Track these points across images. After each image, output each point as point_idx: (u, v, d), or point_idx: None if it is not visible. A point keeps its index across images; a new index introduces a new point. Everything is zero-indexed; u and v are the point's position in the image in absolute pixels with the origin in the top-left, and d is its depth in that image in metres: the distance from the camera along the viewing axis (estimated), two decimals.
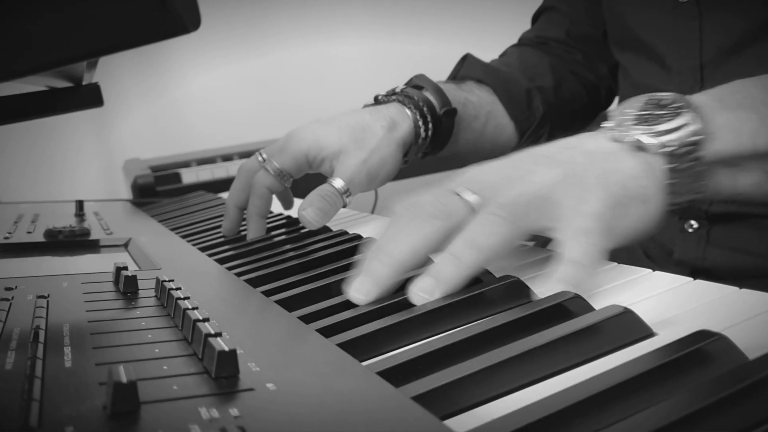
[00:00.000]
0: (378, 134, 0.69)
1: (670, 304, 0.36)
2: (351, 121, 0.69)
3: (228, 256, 0.59)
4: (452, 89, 0.78)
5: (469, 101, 0.80)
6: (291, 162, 0.68)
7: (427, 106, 0.73)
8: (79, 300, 0.42)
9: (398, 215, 0.45)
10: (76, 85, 0.53)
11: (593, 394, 0.26)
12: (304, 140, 0.68)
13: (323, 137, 0.68)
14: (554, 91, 0.87)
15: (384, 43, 1.69)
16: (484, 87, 0.83)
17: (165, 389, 0.27)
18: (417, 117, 0.72)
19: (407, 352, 0.32)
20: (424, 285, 0.40)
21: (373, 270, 0.42)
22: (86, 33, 0.33)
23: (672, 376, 0.27)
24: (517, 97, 0.84)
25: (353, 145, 0.68)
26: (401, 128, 0.71)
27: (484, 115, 0.81)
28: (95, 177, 1.57)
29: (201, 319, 0.33)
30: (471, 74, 0.84)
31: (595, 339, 0.31)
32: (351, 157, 0.67)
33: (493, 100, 0.83)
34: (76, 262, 0.61)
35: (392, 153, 0.69)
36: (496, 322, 0.34)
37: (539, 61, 0.88)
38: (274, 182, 0.68)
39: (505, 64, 0.88)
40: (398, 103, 0.73)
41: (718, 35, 0.69)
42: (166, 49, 1.57)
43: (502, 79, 0.84)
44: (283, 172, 0.68)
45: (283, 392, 0.27)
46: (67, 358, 0.31)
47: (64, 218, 0.82)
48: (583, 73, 0.90)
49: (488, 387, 0.28)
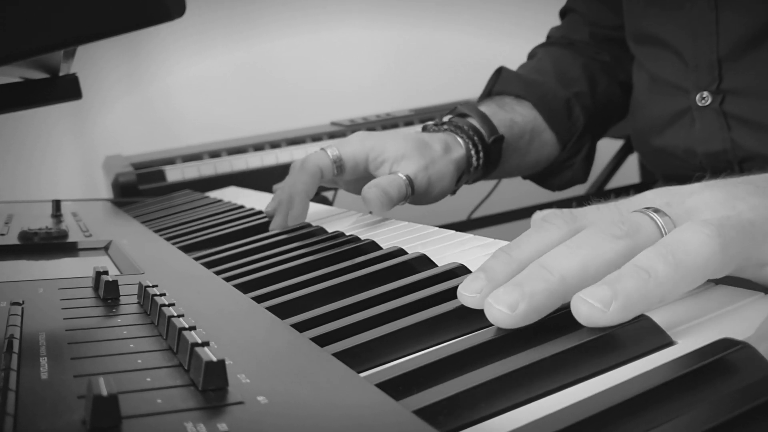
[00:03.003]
0: (438, 151, 0.74)
1: (690, 310, 0.36)
2: (413, 134, 0.74)
3: (216, 260, 0.59)
4: (496, 112, 0.82)
5: (514, 122, 0.83)
6: (351, 153, 0.71)
7: (477, 136, 0.77)
8: (56, 307, 0.42)
9: (546, 225, 0.39)
10: (52, 76, 0.53)
11: (607, 407, 0.26)
12: (368, 139, 0.72)
13: (388, 142, 0.72)
14: (590, 95, 0.90)
15: (382, 30, 1.69)
16: (524, 103, 0.86)
17: (148, 403, 0.27)
18: (469, 146, 0.76)
19: (408, 363, 0.32)
20: (601, 294, 0.32)
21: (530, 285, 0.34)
22: (63, 19, 0.32)
23: (692, 388, 0.27)
24: (557, 110, 0.87)
25: (416, 152, 0.72)
26: (457, 153, 0.76)
27: (528, 133, 0.85)
28: (73, 175, 1.57)
29: (187, 328, 0.33)
30: (508, 90, 0.87)
31: (610, 348, 0.31)
32: (414, 161, 0.71)
33: (534, 115, 0.86)
34: (52, 266, 0.61)
35: (451, 171, 0.74)
36: (504, 331, 0.34)
37: (572, 63, 0.91)
38: (328, 165, 0.70)
39: (538, 71, 0.90)
40: (449, 132, 0.77)
41: (735, 28, 0.70)
42: (149, 38, 1.56)
43: (540, 93, 0.87)
44: (341, 160, 0.70)
45: (275, 405, 0.27)
46: (44, 369, 0.31)
47: (40, 219, 0.82)
48: (615, 72, 0.92)
49: (495, 400, 0.28)
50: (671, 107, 0.79)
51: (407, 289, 0.43)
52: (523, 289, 0.34)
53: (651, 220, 0.37)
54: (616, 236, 0.36)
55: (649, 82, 0.82)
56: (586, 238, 0.36)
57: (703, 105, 0.75)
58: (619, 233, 0.36)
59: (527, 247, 0.38)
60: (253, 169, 1.21)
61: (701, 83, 0.75)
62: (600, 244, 0.36)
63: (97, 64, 1.51)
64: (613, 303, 0.32)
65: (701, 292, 0.38)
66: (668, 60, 0.78)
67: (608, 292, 0.32)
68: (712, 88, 0.74)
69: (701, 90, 0.75)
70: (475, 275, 0.38)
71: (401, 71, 1.68)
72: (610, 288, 0.33)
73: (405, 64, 1.69)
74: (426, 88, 1.62)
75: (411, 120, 1.32)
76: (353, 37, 1.68)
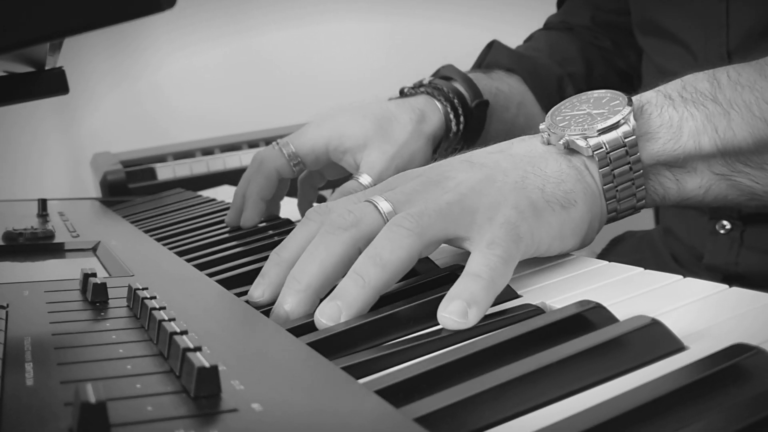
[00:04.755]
0: (407, 127, 0.69)
1: (702, 314, 0.36)
2: (377, 111, 0.70)
3: (209, 261, 0.59)
4: (482, 79, 0.79)
5: (500, 91, 0.81)
6: (308, 147, 0.68)
7: (458, 98, 0.73)
8: (42, 310, 0.42)
9: (306, 221, 0.46)
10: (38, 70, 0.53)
11: (617, 415, 0.26)
12: (324, 127, 0.69)
13: (346, 125, 0.68)
14: (585, 78, 0.88)
15: (379, 22, 1.70)
16: (514, 76, 0.84)
17: (138, 410, 0.27)
18: (448, 110, 0.72)
19: (409, 369, 0.32)
20: (329, 312, 0.40)
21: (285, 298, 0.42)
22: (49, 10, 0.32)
23: (705, 395, 0.27)
24: (548, 86, 0.85)
25: (379, 137, 0.68)
26: (431, 121, 0.71)
27: (515, 106, 0.82)
28: (60, 173, 1.57)
29: (178, 332, 0.33)
30: (499, 62, 0.86)
31: (619, 353, 0.31)
32: (377, 150, 0.68)
33: (523, 89, 0.84)
34: (38, 268, 0.61)
35: (421, 148, 0.70)
36: (508, 335, 0.34)
37: (569, 45, 0.90)
38: (284, 164, 0.68)
39: (533, 50, 0.89)
40: (427, 95, 0.73)
41: (746, 19, 0.70)
42: (139, 30, 1.57)
43: (531, 67, 0.85)
44: (297, 156, 0.68)
45: (270, 413, 0.27)
46: (29, 375, 0.31)
47: (25, 219, 0.82)
48: (614, 60, 0.91)
49: (499, 408, 0.28)
50: None
51: (408, 293, 0.43)
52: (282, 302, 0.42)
53: (374, 207, 0.44)
54: (343, 227, 0.43)
55: (657, 74, 0.82)
56: (319, 238, 0.43)
57: None
58: (345, 224, 0.43)
59: (292, 246, 0.46)
60: (247, 167, 1.20)
61: None
62: (329, 243, 0.43)
63: (85, 57, 1.51)
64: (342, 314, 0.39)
65: (713, 295, 0.38)
66: (676, 52, 0.78)
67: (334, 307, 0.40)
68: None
69: None
70: (257, 281, 0.45)
71: (399, 63, 1.68)
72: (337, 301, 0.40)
73: (403, 55, 1.69)
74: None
75: None
76: (349, 28, 1.69)
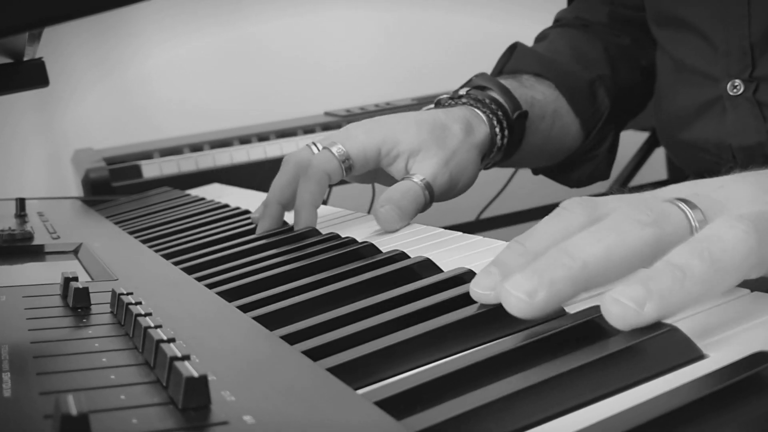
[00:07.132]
0: (458, 135, 0.70)
1: (723, 320, 0.36)
2: (428, 118, 0.70)
3: (197, 265, 0.59)
4: (516, 87, 0.79)
5: (535, 100, 0.80)
6: (360, 150, 0.67)
7: (501, 110, 0.73)
8: (20, 317, 0.42)
9: (562, 211, 0.40)
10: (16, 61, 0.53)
11: (633, 426, 0.26)
12: (377, 130, 0.68)
13: (400, 131, 0.68)
14: (612, 81, 0.88)
15: (375, 11, 1.69)
16: (544, 82, 0.84)
17: (123, 423, 0.27)
18: (494, 123, 0.73)
19: (410, 379, 0.32)
20: (635, 293, 0.33)
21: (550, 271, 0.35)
22: None
23: (725, 406, 0.27)
24: (580, 92, 0.84)
25: (434, 143, 0.68)
26: (478, 133, 0.72)
27: (550, 115, 0.82)
28: (39, 170, 1.57)
29: (165, 340, 0.33)
30: (525, 67, 0.85)
31: (635, 361, 0.31)
32: (432, 156, 0.68)
33: (556, 96, 0.83)
34: (16, 271, 0.61)
35: (473, 159, 0.71)
36: (516, 343, 0.34)
37: (592, 46, 0.89)
38: (336, 168, 0.66)
39: (554, 51, 0.88)
40: (469, 107, 0.73)
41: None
42: (124, 19, 1.56)
43: (561, 72, 0.84)
44: (349, 159, 0.67)
45: (262, 426, 0.27)
46: (6, 386, 0.31)
47: (2, 219, 0.82)
48: (635, 57, 0.90)
49: (507, 420, 0.28)
50: (699, 97, 0.78)
51: (409, 297, 0.43)
52: (543, 275, 0.35)
53: (680, 210, 0.38)
54: (644, 223, 0.36)
55: (674, 69, 0.81)
56: (611, 223, 0.37)
57: (735, 94, 0.75)
58: (646, 220, 0.36)
59: (543, 237, 0.39)
60: (238, 164, 1.20)
61: (732, 70, 0.75)
62: (626, 231, 0.36)
63: (67, 47, 1.51)
64: (648, 303, 0.32)
65: (734, 300, 0.38)
66: (694, 45, 0.78)
67: (642, 292, 0.33)
68: (745, 75, 0.74)
69: (732, 78, 0.75)
70: (487, 270, 0.38)
71: (401, 54, 1.68)
72: (643, 287, 0.33)
73: (405, 46, 1.69)
74: (428, 73, 1.62)
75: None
76: (348, 17, 1.68)
